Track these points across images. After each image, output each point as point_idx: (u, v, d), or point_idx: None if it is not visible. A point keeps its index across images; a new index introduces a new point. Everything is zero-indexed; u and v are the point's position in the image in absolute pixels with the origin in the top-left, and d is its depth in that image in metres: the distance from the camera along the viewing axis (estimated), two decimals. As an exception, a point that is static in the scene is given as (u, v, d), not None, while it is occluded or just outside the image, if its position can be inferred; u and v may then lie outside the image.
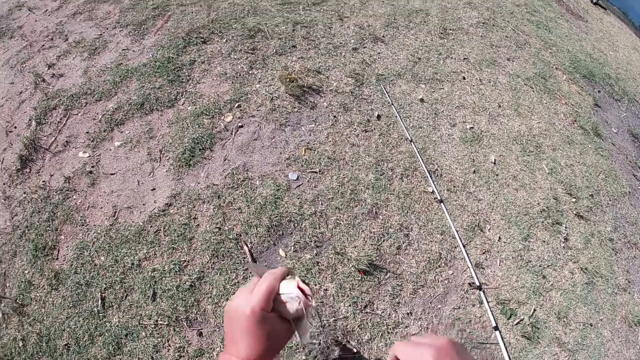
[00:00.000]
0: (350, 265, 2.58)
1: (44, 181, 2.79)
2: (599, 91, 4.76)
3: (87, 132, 3.03)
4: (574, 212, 3.33)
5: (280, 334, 0.67)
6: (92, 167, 2.86)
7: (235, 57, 3.61)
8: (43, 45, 3.66)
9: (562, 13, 6.05)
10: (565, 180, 3.52)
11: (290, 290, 0.67)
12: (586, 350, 2.68)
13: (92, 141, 2.98)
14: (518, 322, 2.64)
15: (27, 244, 2.52)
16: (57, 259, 2.49)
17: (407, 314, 2.52)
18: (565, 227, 3.21)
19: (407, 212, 2.92)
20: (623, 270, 3.19)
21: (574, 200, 3.41)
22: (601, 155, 3.95)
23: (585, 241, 3.21)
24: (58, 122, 3.08)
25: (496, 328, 2.53)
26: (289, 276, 0.71)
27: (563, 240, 3.14)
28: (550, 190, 3.40)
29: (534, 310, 2.72)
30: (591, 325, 2.80)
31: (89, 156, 2.91)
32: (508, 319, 2.66)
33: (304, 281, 0.69)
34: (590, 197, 3.51)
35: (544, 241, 3.09)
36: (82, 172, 2.83)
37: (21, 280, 2.40)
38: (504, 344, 2.50)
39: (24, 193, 2.73)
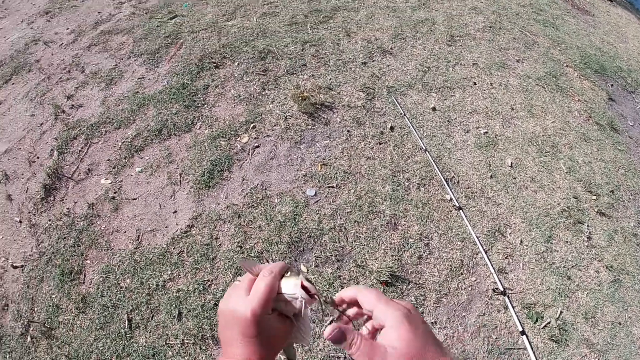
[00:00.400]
0: (372, 278, 2.60)
1: (68, 208, 2.87)
2: (611, 85, 4.71)
3: (108, 160, 3.12)
4: (596, 210, 3.28)
5: (280, 333, 0.63)
6: (115, 193, 2.94)
7: (248, 79, 3.69)
8: (61, 78, 3.79)
9: (568, 9, 6.01)
10: (584, 178, 3.48)
11: (292, 290, 0.62)
12: (616, 350, 2.62)
13: (114, 168, 3.07)
14: (545, 326, 2.60)
15: (53, 270, 2.59)
16: (83, 283, 2.56)
17: (432, 323, 2.51)
18: (588, 226, 3.16)
19: (426, 221, 2.93)
20: (650, 266, 3.13)
21: (594, 197, 3.37)
22: (619, 149, 3.90)
23: (608, 238, 3.15)
24: (79, 151, 3.18)
25: (523, 333, 2.52)
26: (288, 272, 0.66)
27: (586, 239, 3.10)
28: (570, 189, 3.37)
29: (561, 312, 2.68)
30: (620, 323, 2.74)
31: (111, 182, 2.99)
32: (534, 322, 2.62)
33: (307, 279, 0.64)
34: (611, 193, 3.46)
35: (567, 241, 3.05)
36: (105, 198, 2.91)
37: (49, 304, 2.47)
38: (532, 349, 2.49)
39: (49, 220, 2.82)
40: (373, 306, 0.57)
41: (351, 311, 0.64)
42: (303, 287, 0.62)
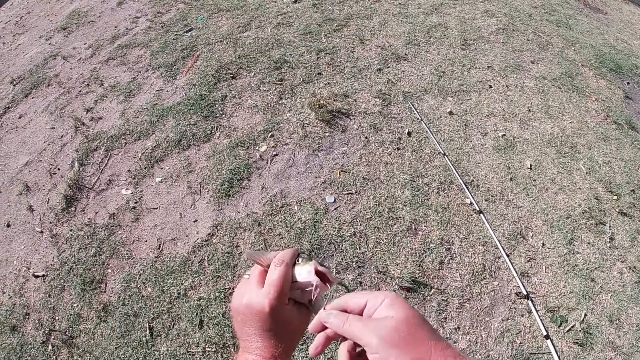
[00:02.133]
0: (394, 284, 2.59)
1: (89, 218, 2.92)
2: (628, 83, 4.66)
3: (129, 170, 3.17)
4: (617, 210, 3.24)
5: (298, 323, 0.62)
6: (135, 203, 2.98)
7: (265, 89, 3.73)
8: (80, 91, 3.88)
9: (580, 9, 5.97)
10: (604, 178, 3.44)
11: (307, 278, 0.60)
12: None
13: (134, 178, 3.12)
14: (569, 329, 2.56)
15: (75, 279, 2.63)
16: (104, 291, 2.59)
17: (455, 329, 2.49)
18: (610, 227, 3.12)
19: (447, 225, 2.91)
20: (673, 267, 3.07)
21: (615, 197, 3.32)
22: (638, 148, 3.84)
23: (631, 239, 3.10)
24: (100, 162, 3.24)
25: (547, 337, 2.49)
26: (300, 259, 0.64)
27: (608, 240, 3.05)
28: (590, 190, 3.33)
29: (585, 315, 2.64)
30: None
31: (132, 193, 3.04)
32: (559, 326, 2.58)
33: (321, 263, 0.62)
34: (632, 193, 3.41)
35: (589, 243, 3.01)
36: (126, 208, 2.95)
37: (70, 313, 2.50)
38: (557, 353, 2.45)
39: (70, 230, 2.87)
40: (364, 298, 0.55)
41: None
42: (317, 272, 0.61)
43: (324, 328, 0.57)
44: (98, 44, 4.42)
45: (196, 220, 2.88)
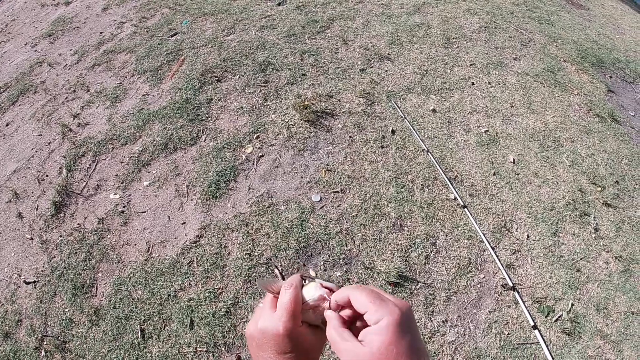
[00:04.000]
0: (381, 279, 2.62)
1: (78, 224, 2.94)
2: (610, 77, 4.72)
3: (117, 175, 3.19)
4: (601, 201, 3.28)
5: (314, 344, 0.62)
6: (124, 207, 3.00)
7: (250, 91, 3.76)
8: (66, 98, 3.88)
9: (562, 5, 6.03)
10: (588, 171, 3.49)
11: (314, 294, 0.62)
12: (631, 340, 2.60)
13: (122, 183, 3.14)
14: (557, 319, 2.60)
15: (66, 284, 2.65)
16: (95, 296, 2.61)
17: (443, 321, 2.53)
18: (594, 217, 3.16)
19: (432, 221, 2.95)
20: (660, 254, 3.11)
21: (599, 189, 3.37)
22: (621, 140, 3.90)
23: (616, 229, 3.15)
24: (88, 167, 3.25)
25: (535, 327, 2.53)
26: (306, 281, 0.65)
27: (593, 230, 3.09)
28: (574, 182, 3.37)
29: (572, 304, 2.68)
30: (633, 313, 2.72)
31: (120, 197, 3.05)
32: (546, 316, 2.62)
33: (327, 280, 0.64)
34: (616, 184, 3.46)
35: (574, 234, 3.05)
36: (115, 212, 2.97)
37: (62, 318, 2.52)
38: (545, 343, 2.49)
39: (60, 236, 2.89)
40: (366, 308, 0.54)
41: (345, 312, 0.60)
42: (324, 287, 0.62)
43: None
44: (84, 50, 4.43)
45: (184, 223, 2.90)
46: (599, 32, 5.61)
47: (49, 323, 2.52)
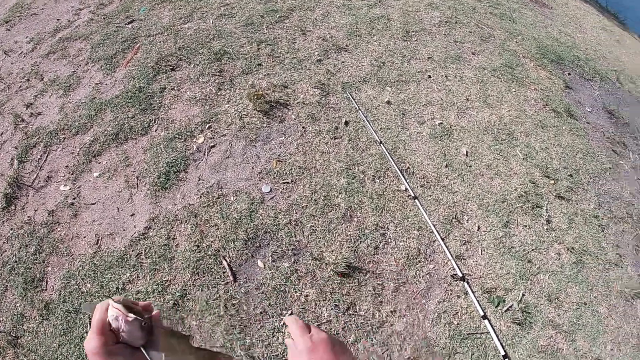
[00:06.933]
0: (329, 269, 2.64)
1: (29, 216, 2.87)
2: (569, 73, 4.83)
3: (67, 166, 3.11)
4: (554, 194, 3.36)
5: None
6: (74, 199, 2.93)
7: (204, 80, 3.71)
8: (20, 87, 3.77)
9: (525, 3, 6.11)
10: (541, 164, 3.56)
11: (111, 313, 0.66)
12: (583, 330, 2.68)
13: (72, 174, 3.07)
14: (507, 309, 2.66)
15: (16, 278, 2.58)
16: (46, 290, 2.55)
17: (391, 312, 2.56)
18: (547, 210, 3.23)
19: (382, 211, 2.98)
20: (612, 246, 3.20)
21: (552, 182, 3.44)
22: (577, 135, 4.00)
23: (569, 221, 3.23)
24: (39, 158, 3.17)
25: (485, 317, 2.57)
26: (116, 303, 0.68)
27: (545, 222, 3.16)
28: (527, 175, 3.45)
29: (523, 295, 2.74)
30: (585, 304, 2.80)
31: (70, 189, 2.99)
32: (496, 306, 2.67)
33: (121, 300, 0.68)
34: (570, 177, 3.55)
35: (526, 226, 3.12)
36: (65, 204, 2.91)
37: (14, 313, 2.46)
38: (495, 332, 2.54)
39: (11, 229, 2.81)
40: (294, 335, 0.76)
41: None
42: (114, 307, 0.66)
43: None
44: (39, 38, 4.30)
45: (133, 214, 2.86)
46: (561, 31, 5.72)
47: (1, 319, 2.46)
